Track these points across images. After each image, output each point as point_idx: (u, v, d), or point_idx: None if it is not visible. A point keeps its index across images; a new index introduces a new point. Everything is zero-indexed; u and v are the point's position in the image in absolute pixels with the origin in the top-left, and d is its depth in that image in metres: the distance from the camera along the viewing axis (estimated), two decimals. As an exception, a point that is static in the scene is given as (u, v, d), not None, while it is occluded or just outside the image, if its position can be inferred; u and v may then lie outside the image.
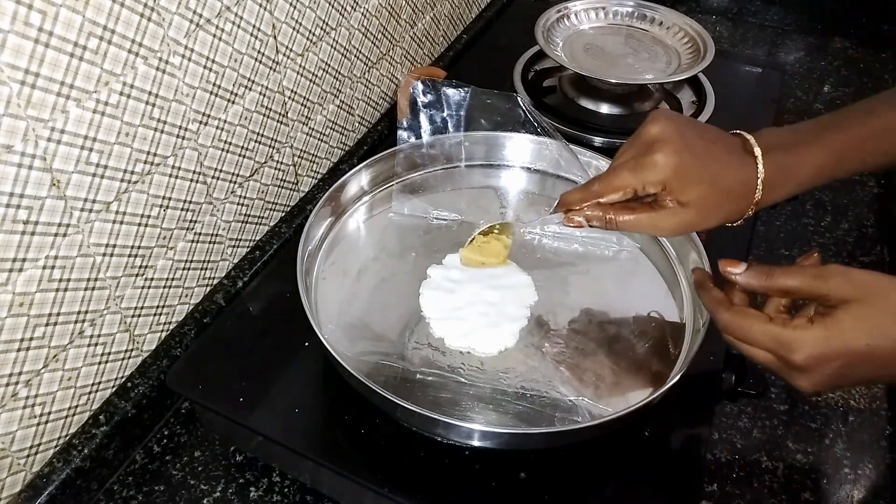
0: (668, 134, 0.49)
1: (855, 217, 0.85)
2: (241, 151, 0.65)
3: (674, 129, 0.49)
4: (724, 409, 0.64)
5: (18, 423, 0.52)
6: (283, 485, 0.57)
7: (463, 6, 1.05)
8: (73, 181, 0.49)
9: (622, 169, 0.51)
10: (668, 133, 0.49)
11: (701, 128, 0.52)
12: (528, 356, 0.57)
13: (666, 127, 0.50)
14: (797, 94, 1.05)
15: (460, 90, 0.74)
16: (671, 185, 0.49)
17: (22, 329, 0.49)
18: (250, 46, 0.61)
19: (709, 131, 0.52)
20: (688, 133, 0.50)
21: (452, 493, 0.50)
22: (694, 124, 0.52)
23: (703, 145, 0.50)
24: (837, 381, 0.43)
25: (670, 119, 0.50)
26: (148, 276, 0.59)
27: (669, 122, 0.50)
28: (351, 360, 0.52)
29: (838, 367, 0.42)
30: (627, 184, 0.50)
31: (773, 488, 0.59)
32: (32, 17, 0.42)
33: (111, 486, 0.57)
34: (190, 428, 0.61)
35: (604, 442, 0.51)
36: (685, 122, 0.51)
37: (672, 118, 0.51)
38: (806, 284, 0.44)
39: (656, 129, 0.50)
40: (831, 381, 0.43)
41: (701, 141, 0.50)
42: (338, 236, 0.67)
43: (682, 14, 0.90)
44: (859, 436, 0.62)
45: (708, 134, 0.51)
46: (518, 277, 0.62)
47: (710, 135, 0.51)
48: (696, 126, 0.52)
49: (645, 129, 0.51)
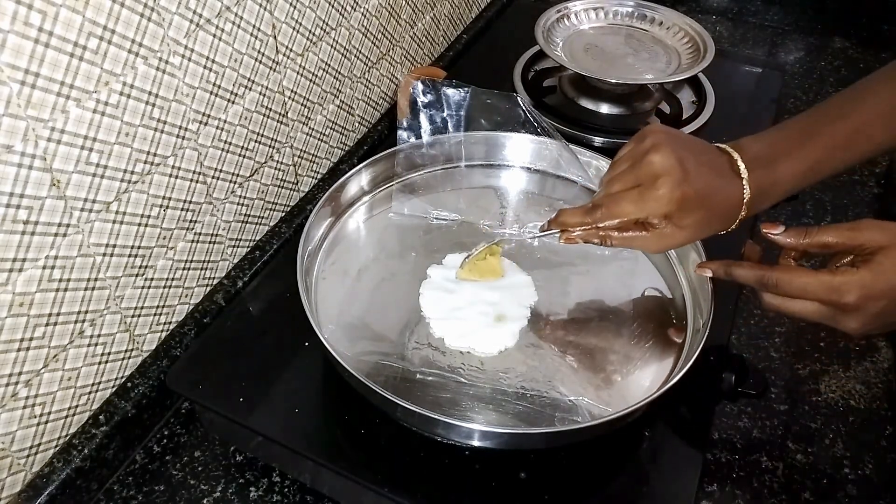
0: (671, 166, 0.50)
1: (855, 217, 0.84)
2: (241, 151, 0.65)
3: (675, 160, 0.50)
4: (724, 409, 0.64)
5: (18, 423, 0.52)
6: (283, 485, 0.57)
7: (463, 6, 1.05)
8: (73, 181, 0.49)
9: (625, 200, 0.52)
10: (671, 165, 0.50)
11: (696, 150, 0.53)
12: (528, 356, 0.57)
13: (668, 158, 0.51)
14: (797, 94, 1.05)
15: (460, 90, 0.74)
16: (672, 214, 0.51)
17: (22, 329, 0.49)
18: (250, 46, 0.61)
19: (703, 153, 0.53)
20: (687, 161, 0.51)
21: (452, 493, 0.50)
22: (690, 147, 0.53)
23: (700, 173, 0.51)
24: (885, 318, 0.47)
25: (670, 146, 0.51)
26: (148, 276, 0.59)
27: (670, 150, 0.51)
28: (351, 360, 0.52)
29: (884, 305, 0.47)
30: (630, 214, 0.52)
31: (773, 488, 0.59)
32: (32, 17, 0.42)
33: (111, 486, 0.57)
34: (190, 428, 0.61)
35: (604, 442, 0.51)
36: (682, 146, 0.52)
37: (671, 144, 0.51)
38: (843, 237, 0.48)
39: (658, 159, 0.51)
40: (879, 320, 0.47)
41: (698, 167, 0.51)
42: (338, 236, 0.67)
43: (682, 14, 0.90)
44: (859, 436, 0.62)
45: (703, 157, 0.52)
46: (518, 277, 0.63)
47: (704, 157, 0.52)
48: (691, 149, 0.52)
49: (648, 157, 0.51)
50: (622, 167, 0.54)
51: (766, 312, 0.72)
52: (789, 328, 0.71)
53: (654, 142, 0.52)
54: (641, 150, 0.52)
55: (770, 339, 0.70)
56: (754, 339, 0.70)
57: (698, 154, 0.52)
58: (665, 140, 0.52)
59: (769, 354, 0.69)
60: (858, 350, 0.69)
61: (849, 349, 0.69)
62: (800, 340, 0.70)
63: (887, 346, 0.70)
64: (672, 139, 0.52)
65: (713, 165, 0.52)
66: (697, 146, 0.53)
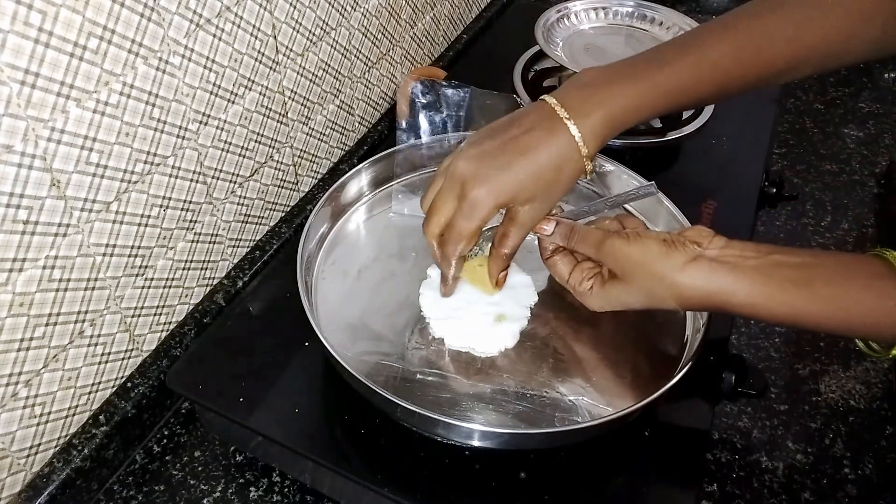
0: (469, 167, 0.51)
1: (855, 217, 0.85)
2: (241, 151, 0.65)
3: (473, 156, 0.51)
4: (724, 409, 0.64)
5: (18, 423, 0.52)
6: (283, 485, 0.57)
7: (463, 6, 1.05)
8: (73, 181, 0.49)
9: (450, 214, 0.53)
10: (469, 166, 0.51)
11: (496, 132, 0.53)
12: (529, 356, 0.57)
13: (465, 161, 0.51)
14: (797, 94, 1.05)
15: (460, 90, 0.74)
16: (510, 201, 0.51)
17: (22, 329, 0.49)
18: (250, 46, 0.61)
19: (502, 129, 0.53)
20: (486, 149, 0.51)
21: (452, 493, 0.50)
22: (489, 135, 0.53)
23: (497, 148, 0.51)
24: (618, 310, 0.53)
25: (467, 149, 0.52)
26: (148, 276, 0.59)
27: (467, 153, 0.52)
28: (351, 360, 0.52)
29: (616, 311, 0.53)
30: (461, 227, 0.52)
31: (773, 488, 0.59)
32: (32, 17, 0.42)
33: (111, 486, 0.57)
34: (190, 428, 0.61)
35: (604, 442, 0.51)
36: (479, 142, 0.52)
37: (468, 148, 0.52)
38: (591, 253, 0.52)
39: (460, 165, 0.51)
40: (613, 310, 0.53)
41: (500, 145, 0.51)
42: (338, 236, 0.67)
43: (682, 14, 0.90)
44: (859, 436, 0.62)
45: (502, 133, 0.52)
46: (518, 277, 0.62)
47: (504, 132, 0.52)
48: (490, 135, 0.53)
49: (450, 169, 0.52)
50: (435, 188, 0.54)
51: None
52: (789, 328, 0.71)
53: (453, 157, 0.53)
54: (446, 170, 0.53)
55: (770, 339, 0.70)
56: (754, 339, 0.70)
57: (497, 134, 0.52)
58: (463, 150, 0.52)
59: (769, 354, 0.69)
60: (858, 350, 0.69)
61: (849, 349, 0.69)
62: (800, 340, 0.70)
63: (887, 346, 0.70)
64: (469, 144, 0.53)
65: (524, 131, 0.51)
66: (498, 128, 0.53)
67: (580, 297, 0.54)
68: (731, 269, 0.46)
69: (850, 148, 0.95)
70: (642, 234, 0.50)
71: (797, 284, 0.45)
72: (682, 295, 0.47)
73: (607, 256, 0.51)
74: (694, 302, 0.48)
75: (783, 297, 0.45)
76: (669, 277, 0.47)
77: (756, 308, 0.46)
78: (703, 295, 0.47)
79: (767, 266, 0.46)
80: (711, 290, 0.46)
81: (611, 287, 0.51)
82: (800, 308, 0.45)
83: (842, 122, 1.00)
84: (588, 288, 0.53)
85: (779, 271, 0.46)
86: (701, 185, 0.75)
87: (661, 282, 0.48)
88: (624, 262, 0.50)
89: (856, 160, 0.93)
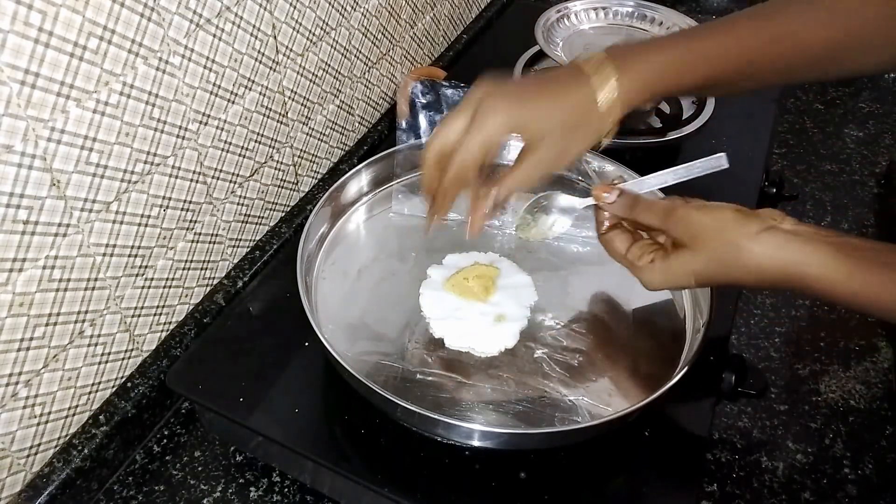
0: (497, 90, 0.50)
1: (855, 217, 0.85)
2: (241, 151, 0.65)
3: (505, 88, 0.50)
4: (724, 409, 0.64)
5: (18, 423, 0.52)
6: (283, 485, 0.57)
7: (463, 6, 1.05)
8: (73, 181, 0.49)
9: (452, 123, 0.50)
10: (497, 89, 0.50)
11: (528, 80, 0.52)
12: (529, 356, 0.57)
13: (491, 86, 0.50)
14: (797, 94, 1.05)
15: (460, 90, 0.74)
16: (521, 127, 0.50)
17: (22, 329, 0.49)
18: (250, 46, 0.61)
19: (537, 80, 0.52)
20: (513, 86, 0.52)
21: (452, 493, 0.50)
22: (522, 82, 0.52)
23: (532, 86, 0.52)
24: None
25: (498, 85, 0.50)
26: (148, 276, 0.59)
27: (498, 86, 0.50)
28: (351, 360, 0.52)
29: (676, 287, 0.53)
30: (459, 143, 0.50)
31: (773, 488, 0.59)
32: (32, 17, 0.42)
33: (111, 486, 0.57)
34: (190, 428, 0.61)
35: (604, 442, 0.51)
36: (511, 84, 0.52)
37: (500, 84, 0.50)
38: (657, 222, 0.50)
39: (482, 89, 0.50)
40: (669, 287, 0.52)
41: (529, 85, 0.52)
42: (338, 236, 0.67)
43: (683, 14, 0.90)
44: (859, 436, 0.62)
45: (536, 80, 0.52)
46: (518, 277, 0.62)
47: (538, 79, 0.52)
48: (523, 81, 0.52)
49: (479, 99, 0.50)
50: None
51: (766, 312, 0.72)
52: (789, 328, 0.71)
53: (479, 84, 0.51)
54: (475, 96, 0.50)
55: (770, 339, 0.70)
56: (754, 339, 0.70)
57: (529, 78, 0.52)
58: (493, 82, 0.51)
59: (769, 354, 0.69)
60: (858, 350, 0.69)
61: (849, 349, 0.69)
62: (800, 340, 0.70)
63: (887, 346, 0.70)
64: (503, 92, 0.51)
65: (550, 79, 0.51)
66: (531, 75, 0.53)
67: (638, 273, 0.51)
68: (809, 241, 0.44)
69: (850, 148, 0.95)
70: (714, 203, 0.48)
71: (880, 266, 0.43)
72: (757, 264, 0.45)
73: (678, 223, 0.48)
74: (768, 272, 0.45)
75: (863, 277, 0.43)
76: (744, 244, 0.45)
77: (834, 287, 0.43)
78: (778, 265, 0.44)
79: (846, 245, 0.43)
80: (788, 259, 0.44)
81: (676, 258, 0.48)
82: (879, 290, 0.43)
83: (842, 122, 1.00)
84: (650, 261, 0.50)
85: (858, 252, 0.43)
86: (701, 185, 0.75)
87: (735, 249, 0.45)
88: (696, 228, 0.47)
89: (856, 160, 0.93)
